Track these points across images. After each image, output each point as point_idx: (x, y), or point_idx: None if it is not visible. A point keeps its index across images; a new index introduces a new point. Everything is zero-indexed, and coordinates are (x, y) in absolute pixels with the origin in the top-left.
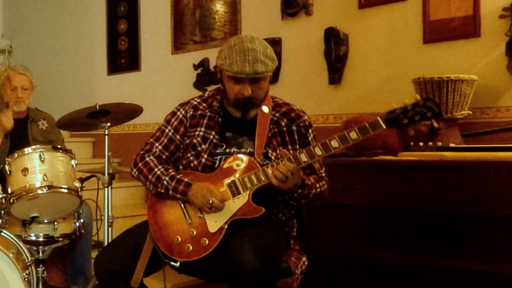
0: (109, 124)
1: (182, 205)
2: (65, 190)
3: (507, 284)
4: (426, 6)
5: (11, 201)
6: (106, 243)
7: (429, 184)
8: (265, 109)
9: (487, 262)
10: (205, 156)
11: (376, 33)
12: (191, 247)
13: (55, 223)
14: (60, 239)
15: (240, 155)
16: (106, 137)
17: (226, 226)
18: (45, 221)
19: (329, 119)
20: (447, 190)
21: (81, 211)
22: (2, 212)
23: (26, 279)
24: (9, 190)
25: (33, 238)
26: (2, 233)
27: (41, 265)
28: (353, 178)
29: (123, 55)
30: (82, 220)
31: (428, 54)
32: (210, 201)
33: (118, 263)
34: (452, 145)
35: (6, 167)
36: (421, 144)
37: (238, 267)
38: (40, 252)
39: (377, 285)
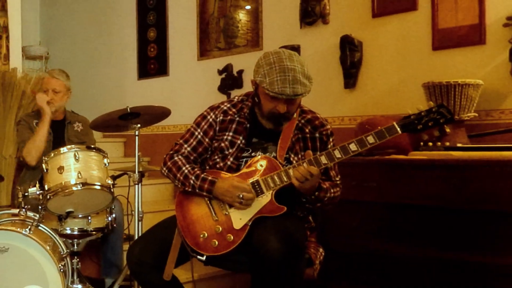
0: (139, 125)
1: (208, 202)
2: (98, 187)
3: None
4: (435, 15)
5: (48, 197)
6: (136, 237)
7: (437, 182)
8: None
9: (491, 255)
10: (231, 159)
11: (388, 40)
12: (217, 243)
13: (89, 217)
14: (94, 232)
15: (263, 157)
16: (137, 137)
17: (250, 223)
18: (80, 216)
19: (344, 121)
20: (455, 187)
21: (113, 207)
22: (40, 207)
23: (62, 270)
24: (46, 187)
25: (68, 231)
26: (39, 227)
27: (75, 257)
28: (366, 176)
29: (152, 61)
30: (114, 215)
31: (437, 60)
32: (241, 196)
33: (149, 255)
34: (459, 145)
35: (43, 165)
36: (431, 144)
37: (264, 257)
38: (75, 245)
39: (388, 277)
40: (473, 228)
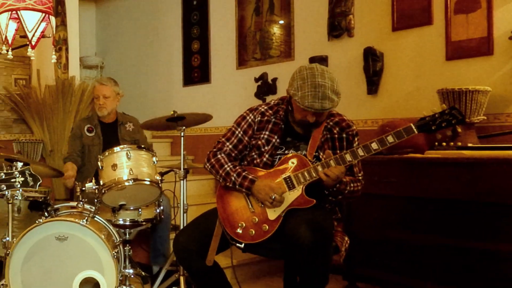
0: (184, 127)
1: (246, 196)
2: (148, 182)
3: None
4: (448, 29)
5: (103, 191)
6: (182, 227)
7: (450, 178)
8: None
9: (499, 242)
10: (267, 156)
11: (406, 51)
12: (253, 232)
13: (140, 210)
14: (144, 223)
15: (295, 155)
16: (182, 138)
17: (283, 215)
18: (131, 208)
19: (367, 123)
20: (466, 183)
21: (161, 200)
22: (95, 200)
23: (115, 257)
24: (101, 182)
25: (121, 222)
26: (95, 218)
27: (127, 245)
28: (387, 172)
29: (196, 70)
30: (162, 207)
31: (449, 69)
32: (273, 197)
33: (193, 243)
34: (470, 145)
35: (99, 163)
36: (444, 144)
37: (295, 244)
38: (127, 234)
39: (406, 262)
40: (482, 219)
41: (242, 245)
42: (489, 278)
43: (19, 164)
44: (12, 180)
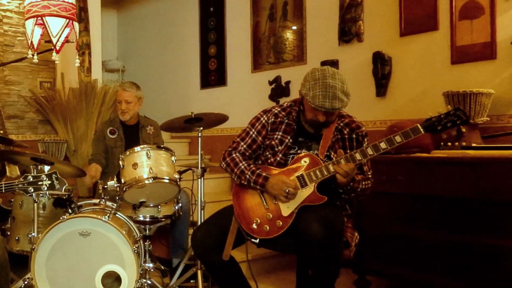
0: (201, 128)
1: (261, 193)
2: (167, 181)
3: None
4: (453, 35)
5: (124, 189)
6: (199, 223)
7: (456, 176)
8: None
9: (501, 238)
10: (280, 155)
11: (413, 55)
12: (268, 228)
13: (159, 206)
14: (163, 219)
15: (307, 154)
16: (199, 138)
17: (296, 211)
18: (151, 205)
19: (376, 124)
20: (470, 181)
21: (179, 197)
22: (117, 198)
23: (136, 251)
24: (122, 181)
25: (141, 218)
26: (117, 215)
27: (147, 240)
28: (395, 171)
29: (213, 73)
30: (180, 204)
31: (454, 72)
32: (287, 191)
33: (210, 238)
34: (474, 144)
35: (120, 162)
36: (450, 144)
37: (307, 239)
38: (147, 230)
39: (413, 257)
40: (485, 216)
41: (257, 241)
42: (491, 272)
43: (46, 168)
44: (39, 183)
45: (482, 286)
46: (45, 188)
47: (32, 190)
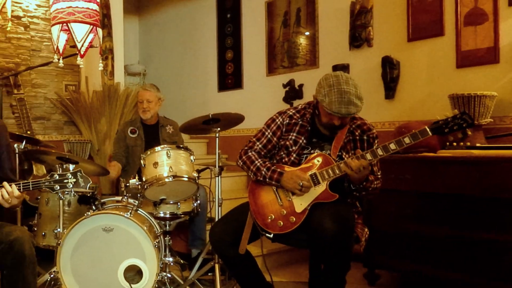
0: (219, 129)
1: (275, 190)
2: (186, 179)
3: None
4: (459, 40)
5: (145, 187)
6: (217, 219)
7: (461, 175)
8: None
9: (505, 234)
10: (294, 155)
11: (420, 60)
12: (282, 223)
13: (178, 203)
14: (182, 215)
15: (320, 154)
16: (217, 138)
17: (309, 208)
18: (171, 202)
19: (385, 125)
20: (475, 179)
21: (198, 195)
22: (138, 195)
23: (156, 246)
24: (144, 179)
25: (162, 215)
26: (138, 211)
27: (167, 235)
28: (403, 170)
29: (230, 77)
30: (198, 201)
31: (460, 76)
32: (301, 184)
33: (227, 233)
34: (478, 145)
35: (141, 161)
36: (455, 144)
37: (320, 234)
38: (167, 226)
39: (419, 251)
40: (489, 212)
41: (272, 236)
42: (494, 266)
43: (71, 166)
44: (65, 181)
45: (486, 280)
46: (70, 186)
47: (58, 188)
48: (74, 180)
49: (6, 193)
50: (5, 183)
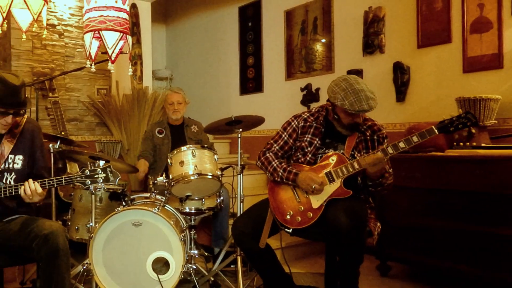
0: (241, 130)
1: (293, 188)
2: (210, 176)
3: None
4: (465, 47)
5: (172, 184)
6: (239, 214)
7: (467, 172)
8: None
9: (508, 228)
10: (309, 155)
11: (429, 65)
12: (300, 219)
13: (203, 199)
14: (207, 211)
15: (334, 153)
16: (239, 139)
17: (325, 204)
18: (196, 198)
19: (396, 126)
20: (480, 176)
21: (221, 191)
22: (166, 192)
23: (182, 239)
24: (170, 177)
25: (187, 210)
26: (165, 207)
27: (193, 229)
28: (413, 168)
29: (251, 81)
30: (222, 198)
31: (466, 80)
32: (313, 187)
33: (249, 228)
34: (483, 144)
35: (168, 160)
36: (461, 144)
37: (335, 228)
38: (192, 220)
39: (429, 244)
40: (494, 207)
41: (290, 230)
42: (498, 258)
43: (101, 162)
44: (96, 176)
45: (490, 271)
46: (101, 181)
47: (89, 183)
48: (104, 175)
49: (28, 190)
50: (29, 181)
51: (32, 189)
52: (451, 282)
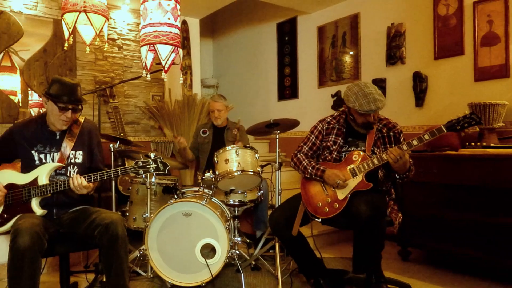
0: (279, 131)
1: (322, 183)
2: (251, 173)
3: None
4: (476, 58)
5: (218, 179)
6: (277, 206)
7: (478, 169)
8: None
9: None
10: (335, 153)
11: (445, 75)
12: (327, 209)
13: (245, 193)
14: (248, 203)
15: (356, 151)
16: (277, 139)
17: (349, 196)
18: (239, 192)
19: (415, 128)
20: (490, 173)
21: (261, 186)
22: (212, 186)
23: (227, 228)
24: (216, 173)
25: (231, 202)
26: (212, 199)
27: (236, 219)
28: (430, 165)
29: (287, 89)
30: (262, 191)
31: (477, 88)
32: (338, 182)
33: (284, 218)
34: (492, 144)
35: (215, 158)
36: (473, 144)
37: (357, 217)
38: (236, 211)
39: (444, 233)
40: (502, 200)
41: (320, 220)
42: (507, 246)
43: (152, 154)
44: (148, 166)
45: (499, 257)
46: (152, 170)
47: (142, 172)
48: (155, 165)
49: (75, 183)
50: (75, 175)
51: (78, 183)
52: (463, 265)
